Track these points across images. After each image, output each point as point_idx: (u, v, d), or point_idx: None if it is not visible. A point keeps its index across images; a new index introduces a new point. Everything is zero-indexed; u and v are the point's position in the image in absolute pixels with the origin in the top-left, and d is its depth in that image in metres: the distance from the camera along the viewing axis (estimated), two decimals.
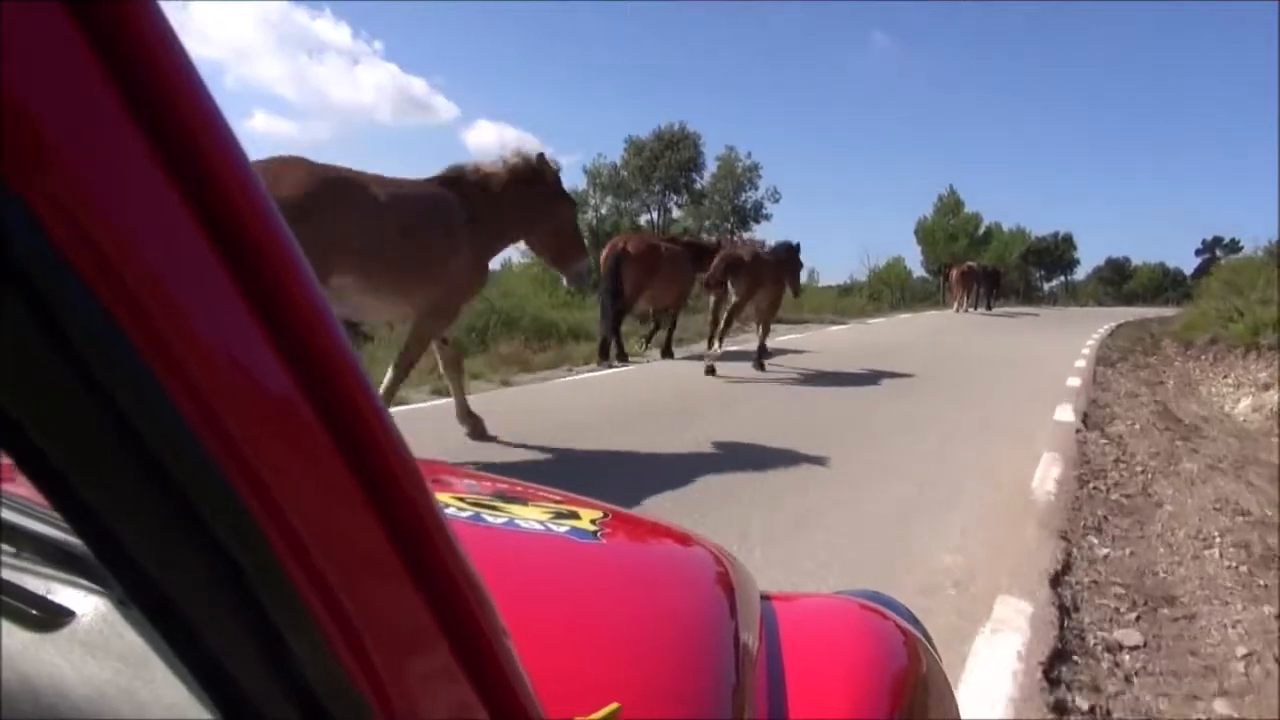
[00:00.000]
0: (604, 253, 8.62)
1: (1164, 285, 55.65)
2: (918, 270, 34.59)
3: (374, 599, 0.33)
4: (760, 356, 8.47)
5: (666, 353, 9.34)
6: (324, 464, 0.30)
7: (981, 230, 34.46)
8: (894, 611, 0.99)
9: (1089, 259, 55.35)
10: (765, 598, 0.93)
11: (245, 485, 0.27)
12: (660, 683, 0.67)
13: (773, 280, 8.29)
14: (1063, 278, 53.29)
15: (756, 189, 26.83)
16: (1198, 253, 68.57)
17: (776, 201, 27.17)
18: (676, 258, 9.09)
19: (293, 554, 0.29)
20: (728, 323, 8.01)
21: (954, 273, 23.69)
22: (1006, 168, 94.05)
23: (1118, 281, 54.01)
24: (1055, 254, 50.81)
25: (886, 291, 30.70)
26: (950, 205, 34.15)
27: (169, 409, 0.25)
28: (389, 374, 4.11)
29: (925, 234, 34.04)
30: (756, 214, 26.86)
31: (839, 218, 78.32)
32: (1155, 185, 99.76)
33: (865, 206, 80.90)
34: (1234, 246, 69.40)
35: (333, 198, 3.43)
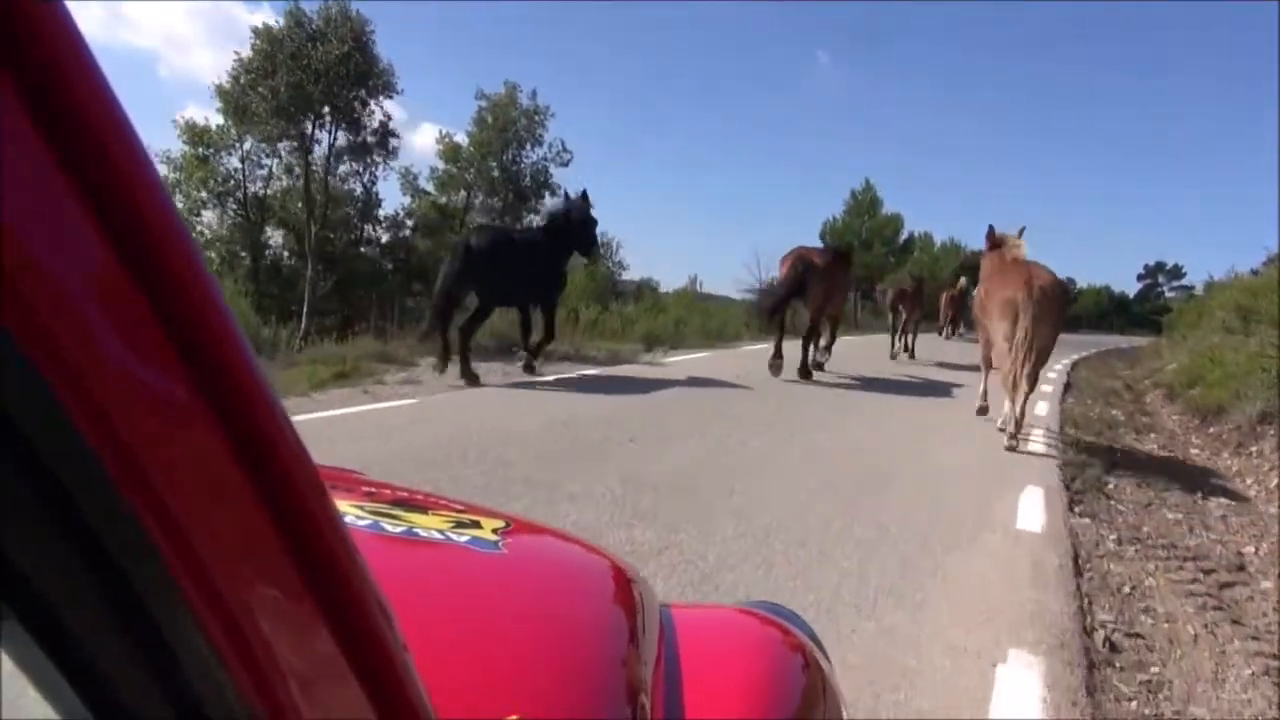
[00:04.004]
0: (784, 267, 8.99)
1: (1108, 310, 51.28)
2: None
3: (268, 608, 0.32)
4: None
5: (814, 368, 9.50)
6: (220, 470, 0.29)
7: (903, 236, 28.43)
8: (791, 622, 0.99)
9: None
10: (665, 608, 0.93)
11: (133, 489, 0.26)
12: (559, 692, 0.67)
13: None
14: None
15: (540, 144, 16.39)
16: (1140, 278, 65.16)
17: (565, 165, 16.85)
18: (842, 266, 9.52)
19: (181, 559, 0.28)
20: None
21: (890, 294, 15.69)
22: (943, 180, 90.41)
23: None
24: None
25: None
26: (865, 204, 27.89)
27: (55, 407, 0.24)
28: (1021, 395, 5.92)
29: (834, 238, 27.35)
30: (540, 183, 16.38)
31: (756, 229, 72.67)
32: (1097, 206, 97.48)
33: (796, 222, 75.36)
34: (1177, 273, 66.73)
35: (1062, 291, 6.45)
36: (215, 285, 0.29)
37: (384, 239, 14.44)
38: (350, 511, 0.85)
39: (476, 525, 0.91)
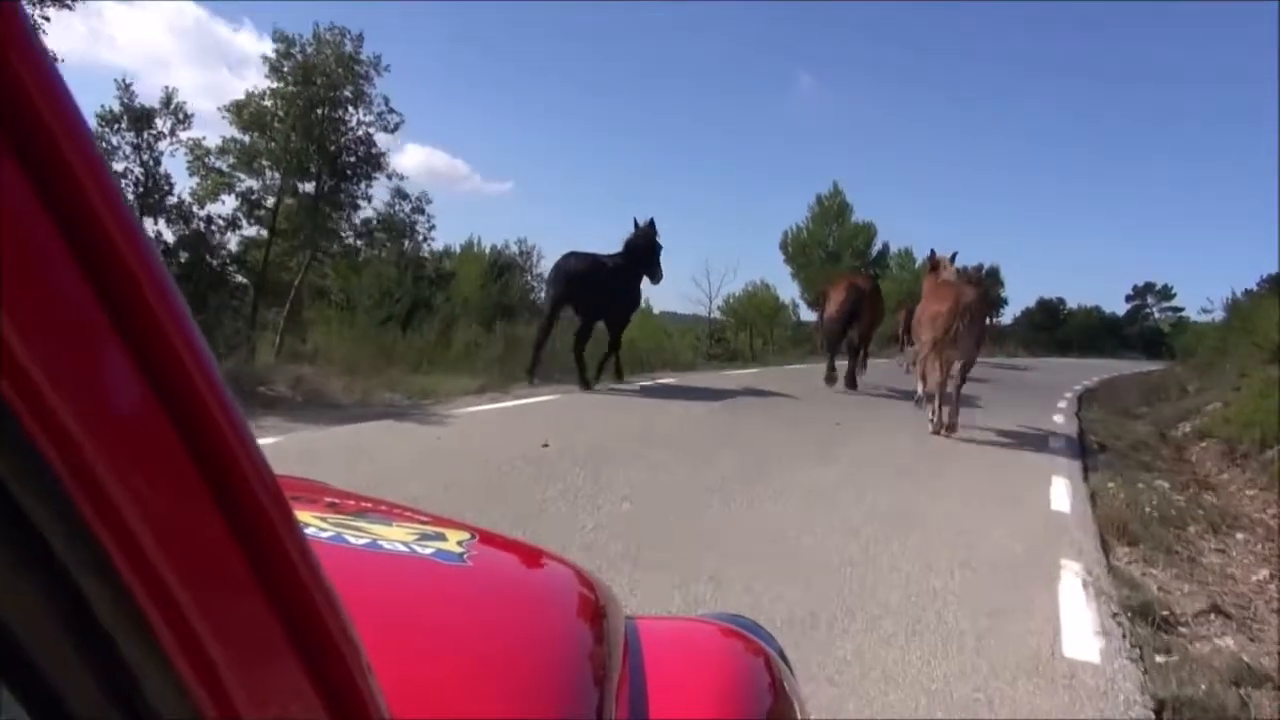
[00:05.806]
0: (841, 294, 10.13)
1: (1099, 332, 48.61)
2: (804, 307, 24.81)
3: (225, 622, 0.31)
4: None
5: (852, 382, 10.47)
6: (177, 480, 0.29)
7: (876, 248, 25.20)
8: (755, 634, 1.00)
9: (1016, 299, 46.91)
10: (630, 620, 0.93)
11: (87, 499, 0.25)
12: (523, 705, 0.67)
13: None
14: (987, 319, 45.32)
15: (368, 106, 11.59)
16: (1128, 299, 62.81)
17: (392, 130, 12.03)
18: (879, 291, 11.30)
19: (135, 571, 0.27)
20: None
21: (903, 315, 14.23)
22: (927, 199, 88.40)
23: (1050, 326, 46.30)
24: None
25: (745, 331, 21.59)
26: (833, 210, 24.27)
27: (5, 417, 0.23)
28: (951, 395, 7.21)
29: (797, 248, 24.15)
30: (363, 158, 11.69)
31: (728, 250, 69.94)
32: (1083, 226, 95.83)
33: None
34: (1166, 294, 64.49)
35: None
36: (177, 295, 0.28)
37: (168, 236, 11.14)
38: (312, 523, 0.84)
39: (441, 537, 0.90)
